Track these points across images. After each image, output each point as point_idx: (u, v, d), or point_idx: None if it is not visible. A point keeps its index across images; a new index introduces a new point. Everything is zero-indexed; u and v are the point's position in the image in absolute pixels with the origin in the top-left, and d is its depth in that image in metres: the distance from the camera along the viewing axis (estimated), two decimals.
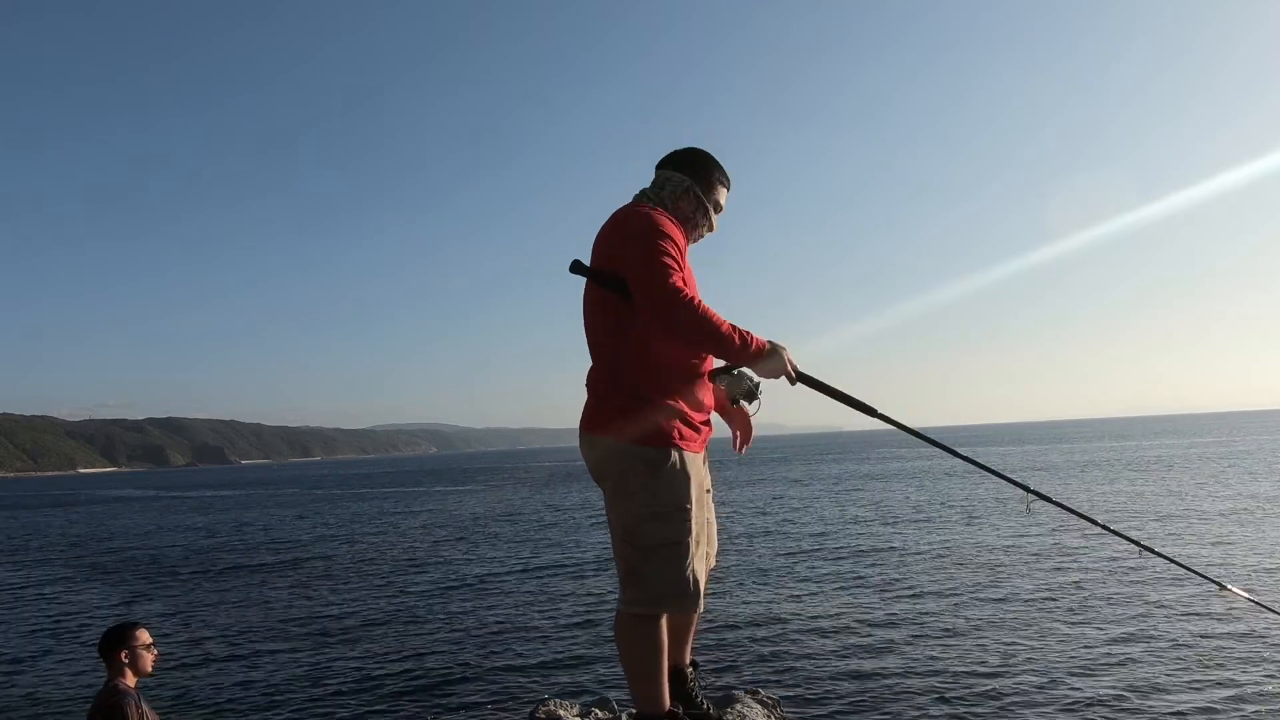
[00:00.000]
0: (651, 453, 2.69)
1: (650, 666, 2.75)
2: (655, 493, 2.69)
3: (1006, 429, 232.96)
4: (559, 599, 14.32)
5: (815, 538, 20.57)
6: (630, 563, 2.73)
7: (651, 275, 2.59)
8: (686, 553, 2.71)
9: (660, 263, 2.60)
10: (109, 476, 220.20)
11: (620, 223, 2.74)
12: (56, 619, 15.05)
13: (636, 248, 2.64)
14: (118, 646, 3.82)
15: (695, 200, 2.86)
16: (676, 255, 2.66)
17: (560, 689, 9.04)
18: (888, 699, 8.52)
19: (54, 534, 34.59)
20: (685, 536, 2.71)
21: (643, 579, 2.71)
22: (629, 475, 2.71)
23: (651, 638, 2.73)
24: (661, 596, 2.71)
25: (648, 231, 2.66)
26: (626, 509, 2.73)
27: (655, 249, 2.62)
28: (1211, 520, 20.26)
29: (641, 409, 2.71)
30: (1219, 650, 9.46)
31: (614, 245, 2.71)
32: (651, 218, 2.71)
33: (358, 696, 9.53)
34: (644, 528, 2.70)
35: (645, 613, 2.73)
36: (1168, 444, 67.66)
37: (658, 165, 2.94)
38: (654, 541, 2.69)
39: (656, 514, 2.69)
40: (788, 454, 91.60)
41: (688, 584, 2.71)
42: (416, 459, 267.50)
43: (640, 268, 2.61)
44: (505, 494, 46.98)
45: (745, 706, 3.34)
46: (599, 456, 2.78)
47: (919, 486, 35.19)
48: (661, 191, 2.87)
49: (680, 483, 2.71)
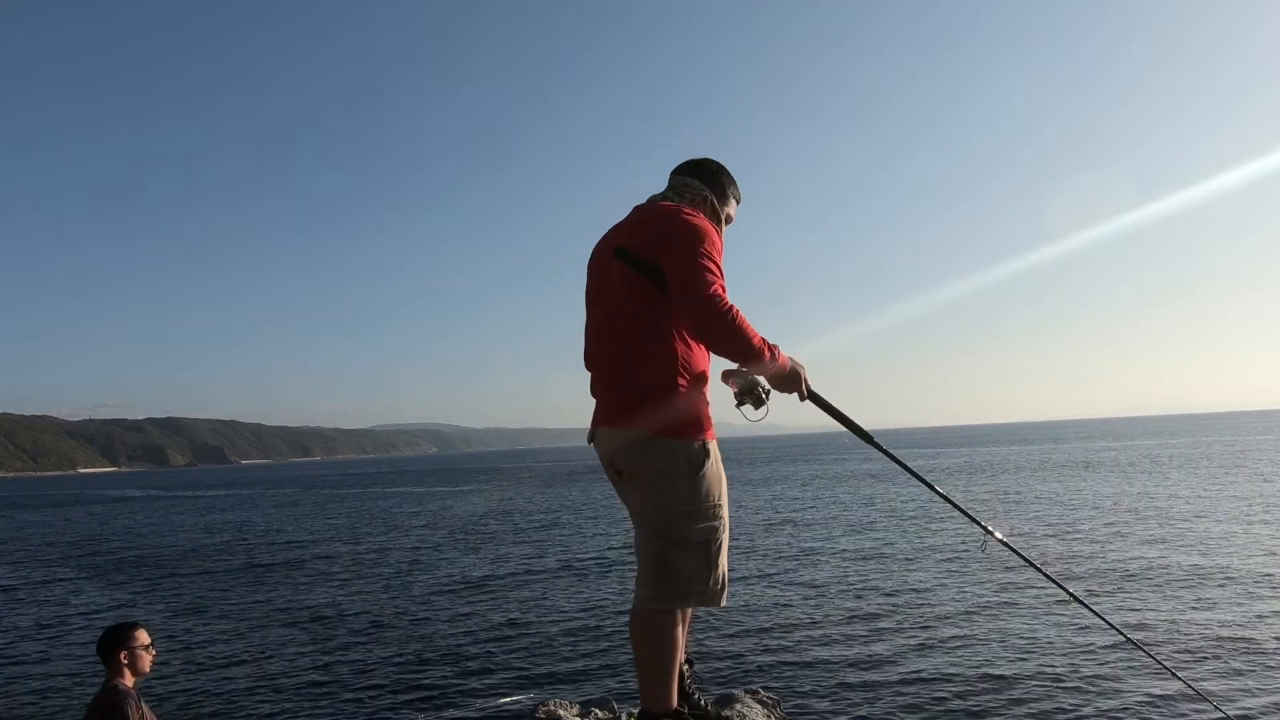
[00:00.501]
0: (693, 446, 2.69)
1: (665, 664, 2.75)
2: (695, 488, 2.69)
3: (1007, 429, 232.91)
4: (559, 599, 14.32)
5: (815, 538, 20.57)
6: (663, 558, 2.71)
7: (697, 278, 2.60)
8: (721, 548, 2.74)
9: (706, 267, 2.63)
10: (109, 476, 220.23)
11: (668, 218, 2.73)
12: (56, 619, 15.04)
13: (684, 247, 2.65)
14: (117, 647, 3.81)
15: (710, 210, 2.88)
16: (720, 262, 2.69)
17: (560, 689, 9.04)
18: (888, 699, 8.52)
19: (54, 534, 34.58)
20: (721, 533, 2.74)
21: (674, 574, 2.70)
22: (669, 471, 2.69)
23: (669, 634, 2.74)
24: (691, 592, 2.72)
25: (699, 234, 2.67)
26: (663, 503, 2.70)
27: (703, 253, 2.64)
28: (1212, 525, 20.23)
29: (675, 400, 2.69)
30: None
31: (660, 237, 2.69)
32: (702, 221, 2.73)
33: (358, 696, 9.52)
34: (683, 524, 2.69)
35: (669, 608, 2.73)
36: (1169, 444, 67.64)
37: (673, 172, 2.98)
38: (693, 538, 2.69)
39: (697, 510, 2.69)
40: (788, 454, 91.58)
41: (719, 579, 2.74)
42: (416, 459, 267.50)
43: (686, 269, 2.62)
44: (505, 494, 46.96)
45: (745, 706, 3.34)
46: (628, 450, 2.73)
47: (918, 488, 35.15)
48: (680, 198, 2.89)
49: (716, 478, 2.74)
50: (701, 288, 2.59)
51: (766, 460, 74.05)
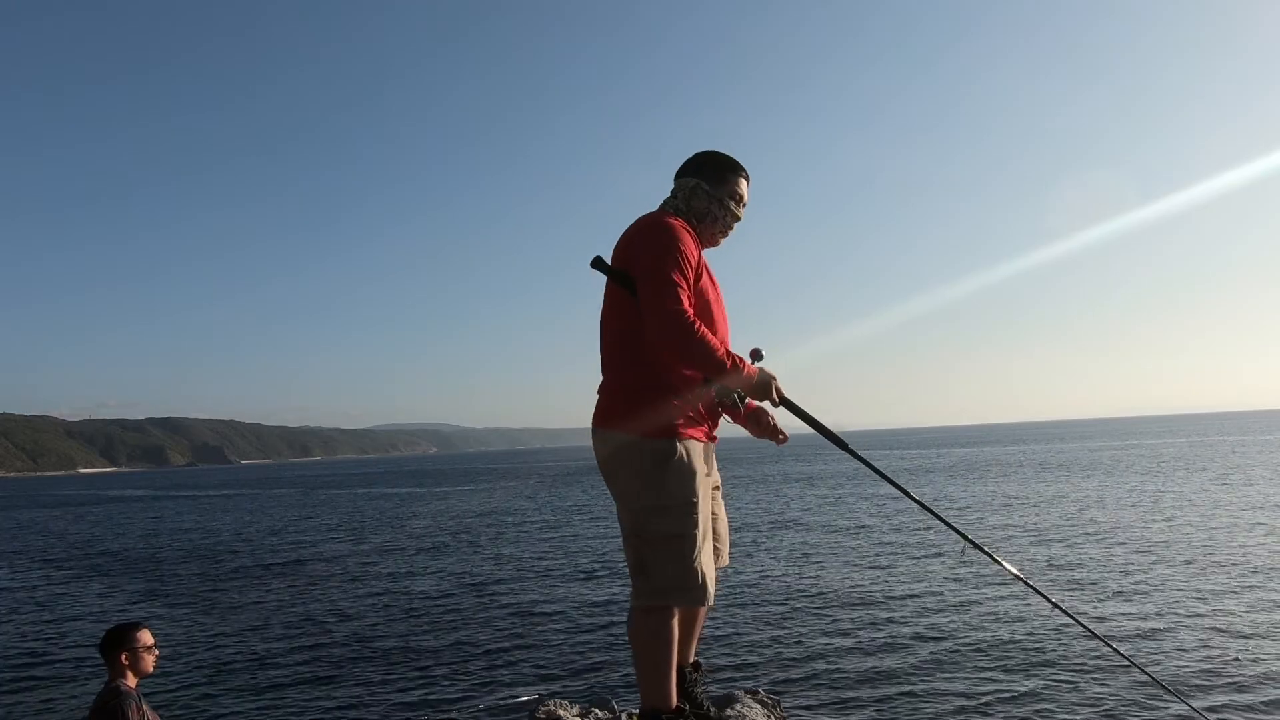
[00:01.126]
0: (659, 444, 2.75)
1: (659, 662, 2.79)
2: (662, 486, 2.74)
3: (1007, 429, 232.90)
4: (559, 600, 14.33)
5: (815, 538, 20.57)
6: (639, 556, 2.79)
7: (656, 292, 2.69)
8: (693, 546, 2.75)
9: (666, 282, 2.70)
10: (109, 476, 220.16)
11: (641, 230, 2.84)
12: (56, 619, 15.04)
13: (649, 260, 2.74)
14: (119, 647, 3.79)
15: (706, 196, 2.96)
16: (687, 270, 2.75)
17: (560, 689, 9.04)
18: (887, 698, 8.52)
19: (54, 534, 34.59)
20: (692, 529, 2.75)
21: (650, 572, 2.76)
22: (636, 468, 2.76)
23: (661, 633, 2.77)
24: (668, 590, 2.76)
25: (662, 245, 2.76)
26: (634, 502, 2.78)
27: (666, 265, 2.72)
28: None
29: (648, 403, 2.77)
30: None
31: (632, 250, 2.81)
32: (671, 231, 2.80)
33: (359, 696, 9.53)
34: (651, 521, 2.75)
35: (654, 605, 2.77)
36: (1171, 444, 67.65)
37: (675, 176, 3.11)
38: (661, 534, 2.74)
39: (664, 507, 2.74)
40: (788, 454, 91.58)
41: (694, 577, 2.75)
42: (417, 459, 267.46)
43: (647, 282, 2.72)
44: (505, 494, 46.98)
45: (745, 706, 3.35)
46: (608, 451, 2.83)
47: (918, 487, 35.18)
48: (676, 199, 3.00)
49: (686, 476, 2.76)
50: (657, 307, 2.69)
51: (766, 460, 74.06)
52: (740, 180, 3.02)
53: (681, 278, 2.72)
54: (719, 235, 3.02)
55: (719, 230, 3.01)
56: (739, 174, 3.02)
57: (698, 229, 2.96)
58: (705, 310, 2.82)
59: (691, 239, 2.83)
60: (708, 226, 2.97)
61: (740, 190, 3.02)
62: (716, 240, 3.03)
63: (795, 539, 20.52)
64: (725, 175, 2.99)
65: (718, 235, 3.02)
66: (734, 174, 3.01)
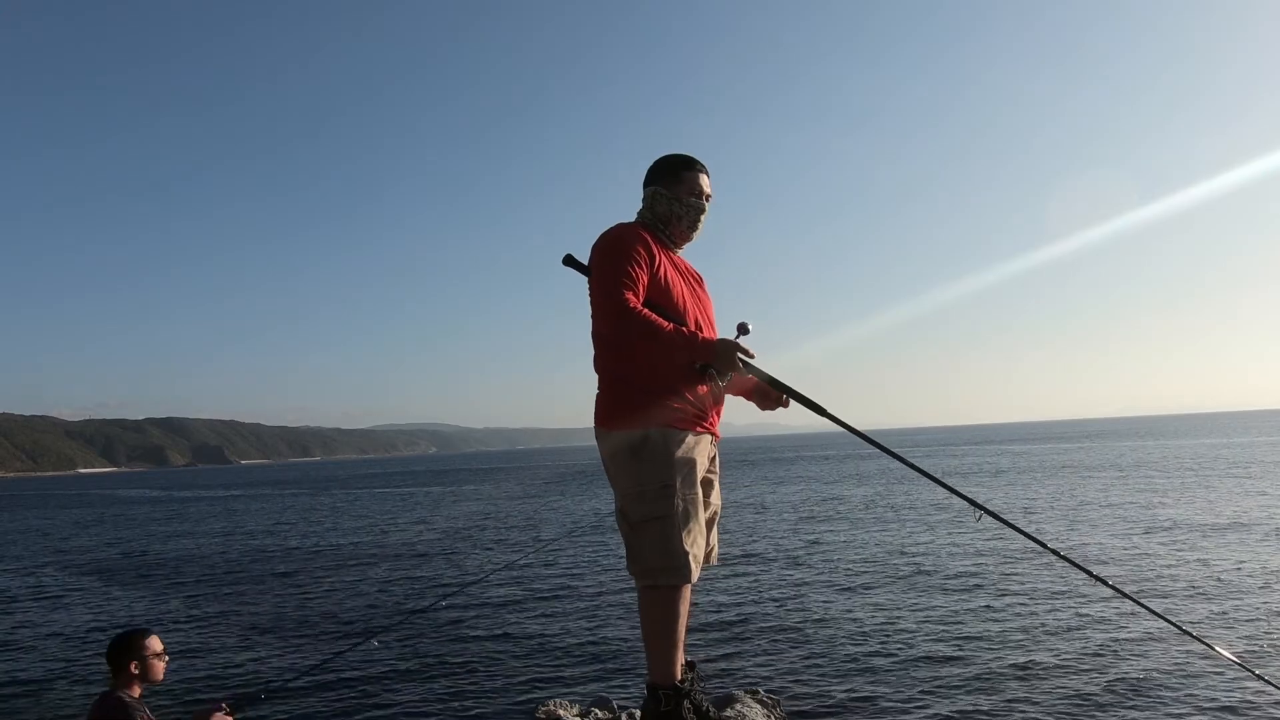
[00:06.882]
0: (633, 435, 2.94)
1: (662, 638, 2.96)
2: (638, 472, 2.94)
3: (1007, 429, 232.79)
4: (559, 600, 14.33)
5: (814, 537, 20.58)
6: (626, 539, 3.00)
7: (597, 287, 2.94)
8: (673, 527, 2.91)
9: (607, 276, 2.91)
10: (109, 476, 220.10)
11: (593, 249, 3.07)
12: (56, 622, 15.02)
13: (595, 269, 2.99)
14: (128, 655, 3.64)
15: (666, 200, 3.11)
16: (628, 267, 2.92)
17: (560, 689, 9.05)
18: (887, 698, 8.52)
19: (54, 535, 34.57)
20: (670, 511, 2.90)
21: (637, 554, 2.97)
22: (619, 461, 2.98)
23: (665, 610, 2.94)
24: (654, 569, 2.93)
25: (604, 254, 2.99)
26: (618, 491, 3.03)
27: (605, 267, 2.95)
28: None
29: (624, 398, 2.98)
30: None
31: (591, 259, 3.06)
32: (613, 240, 3.01)
33: (360, 696, 9.53)
34: (632, 506, 2.96)
35: (647, 584, 2.97)
36: (1171, 444, 67.65)
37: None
38: (642, 518, 2.93)
39: (642, 492, 2.93)
40: (787, 453, 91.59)
41: (676, 556, 2.91)
42: (416, 459, 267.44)
43: (593, 285, 2.97)
44: (505, 495, 46.98)
45: (745, 706, 3.36)
46: (604, 450, 3.05)
47: (918, 486, 35.18)
48: (644, 208, 3.18)
49: (660, 461, 2.92)
50: (599, 300, 2.92)
51: (765, 459, 74.06)
52: (694, 175, 3.13)
53: (622, 274, 2.90)
54: (689, 231, 3.14)
55: (687, 226, 3.13)
56: (692, 169, 3.13)
57: (668, 231, 3.12)
58: (665, 298, 2.96)
59: (640, 240, 3.00)
60: (675, 227, 3.12)
61: (697, 185, 3.13)
62: (690, 236, 3.16)
63: (794, 538, 20.51)
64: (679, 174, 3.12)
65: (688, 231, 3.14)
66: (687, 171, 3.13)
